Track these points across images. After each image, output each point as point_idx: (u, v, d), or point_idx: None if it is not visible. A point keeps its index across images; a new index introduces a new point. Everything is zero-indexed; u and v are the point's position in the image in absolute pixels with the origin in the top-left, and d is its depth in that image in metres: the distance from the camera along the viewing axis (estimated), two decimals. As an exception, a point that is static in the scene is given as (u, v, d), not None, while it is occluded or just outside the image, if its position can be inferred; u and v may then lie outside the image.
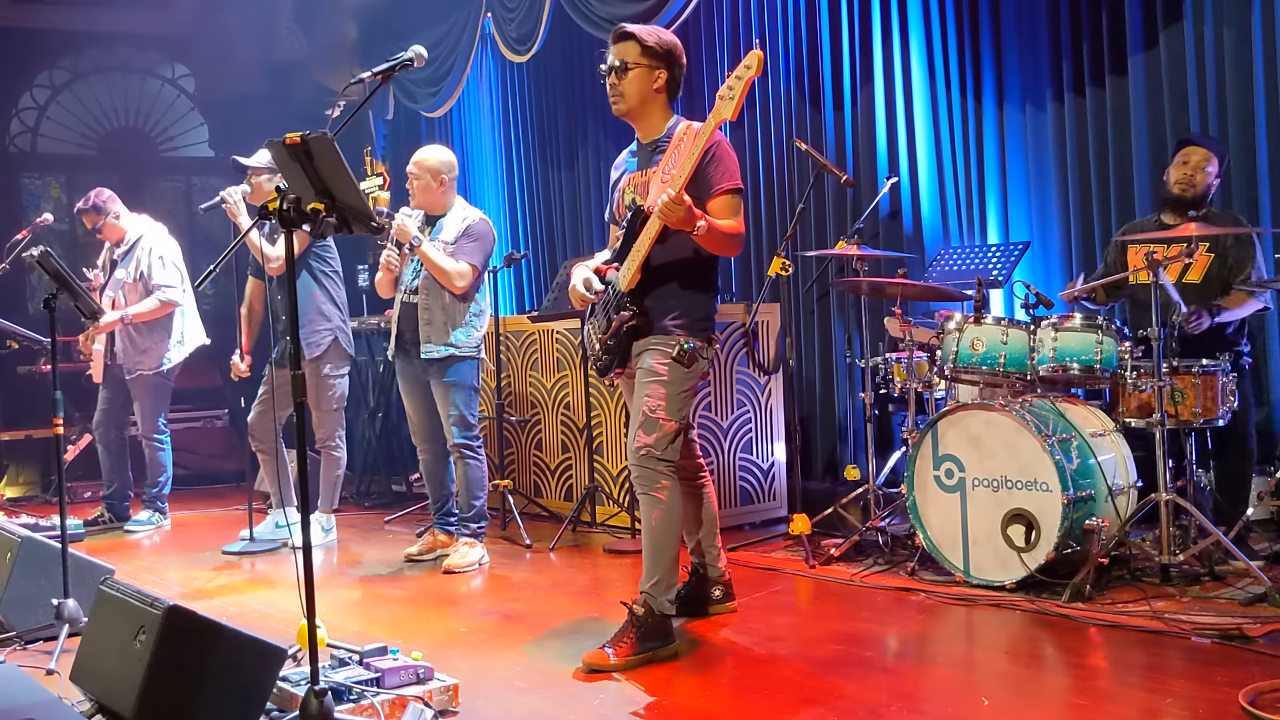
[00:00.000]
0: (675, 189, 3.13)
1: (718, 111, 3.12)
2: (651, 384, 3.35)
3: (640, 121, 3.48)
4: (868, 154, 5.93)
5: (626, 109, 3.42)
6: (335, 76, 8.45)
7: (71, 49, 9.17)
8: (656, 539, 3.35)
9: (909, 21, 5.72)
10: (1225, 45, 4.64)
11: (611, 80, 3.39)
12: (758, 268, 6.43)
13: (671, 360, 3.33)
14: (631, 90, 3.39)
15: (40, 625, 3.63)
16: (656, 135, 3.47)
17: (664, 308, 3.38)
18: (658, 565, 3.34)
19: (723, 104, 3.10)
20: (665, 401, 3.33)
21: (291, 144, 2.61)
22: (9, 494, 7.56)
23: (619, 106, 3.43)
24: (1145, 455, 3.99)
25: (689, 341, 3.34)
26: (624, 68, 3.37)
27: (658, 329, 3.38)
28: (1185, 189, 4.26)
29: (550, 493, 5.90)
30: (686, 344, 3.33)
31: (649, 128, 3.48)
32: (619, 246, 3.45)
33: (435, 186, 4.66)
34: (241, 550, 5.24)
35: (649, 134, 3.49)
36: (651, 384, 3.35)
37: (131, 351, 5.94)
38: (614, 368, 3.50)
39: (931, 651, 3.37)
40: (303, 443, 2.63)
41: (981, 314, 4.20)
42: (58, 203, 9.26)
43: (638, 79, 3.38)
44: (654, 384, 3.34)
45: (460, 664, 3.24)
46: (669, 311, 3.38)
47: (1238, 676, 2.84)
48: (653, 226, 3.25)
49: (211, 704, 2.57)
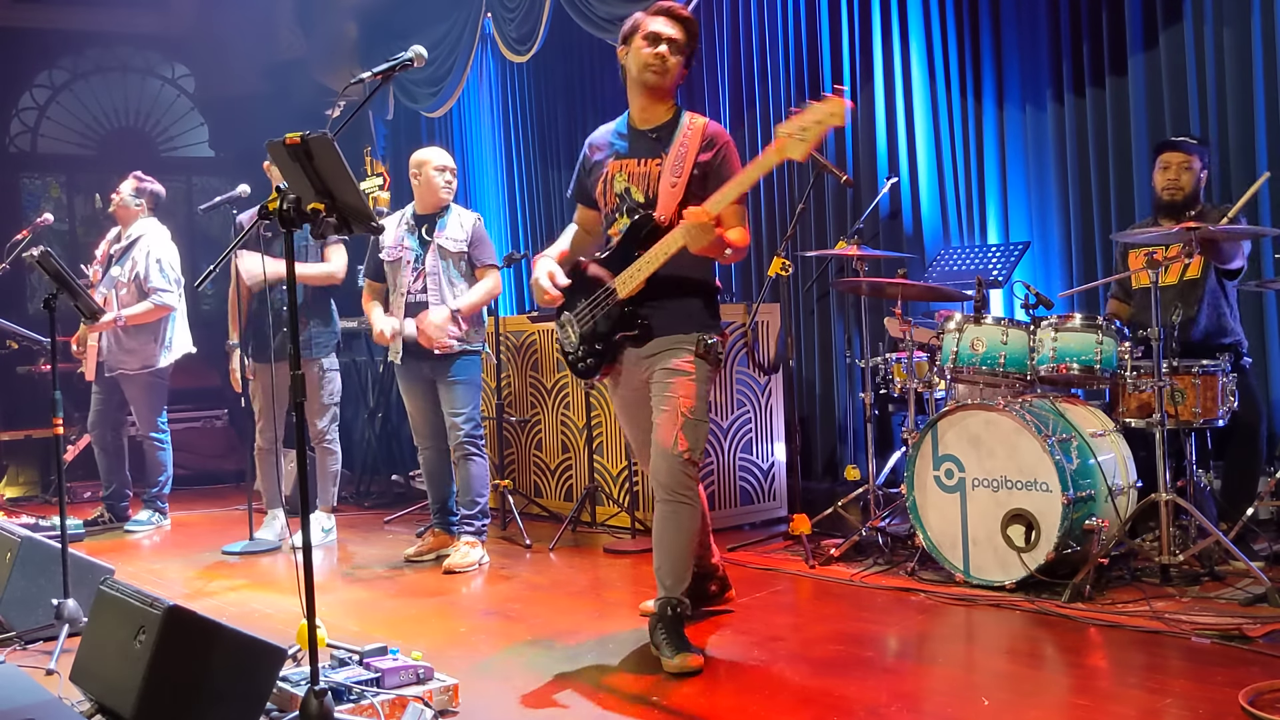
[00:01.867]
0: (712, 212, 3.04)
1: (783, 149, 2.95)
2: (682, 381, 3.24)
3: (654, 104, 3.35)
4: (868, 154, 5.93)
5: (666, 86, 3.31)
6: (335, 76, 8.45)
7: (71, 49, 9.17)
8: (689, 541, 3.28)
9: (909, 21, 5.71)
10: (1225, 45, 4.64)
11: (665, 52, 3.27)
12: (758, 268, 6.43)
13: (696, 356, 3.25)
14: (674, 71, 3.30)
15: (40, 625, 3.63)
16: (659, 122, 3.35)
17: (675, 307, 3.29)
18: (688, 567, 3.30)
19: (791, 143, 2.94)
20: (697, 400, 3.24)
21: (291, 144, 2.61)
22: (9, 494, 7.57)
23: (662, 80, 3.29)
24: (1145, 455, 3.99)
25: (710, 337, 3.27)
26: (677, 46, 3.29)
27: (674, 327, 3.28)
28: (1174, 193, 4.25)
29: (550, 493, 5.90)
30: (709, 339, 3.27)
31: (656, 113, 3.36)
32: (615, 247, 3.33)
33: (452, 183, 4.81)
34: (242, 550, 5.24)
35: (652, 120, 3.36)
36: (682, 381, 3.24)
37: (117, 351, 5.95)
38: (598, 371, 3.41)
39: (931, 651, 3.37)
40: (302, 443, 2.63)
41: (981, 314, 4.20)
42: (58, 203, 9.26)
43: (679, 64, 3.31)
44: (684, 380, 3.24)
45: (460, 664, 3.24)
46: (683, 309, 3.29)
47: (1238, 676, 2.84)
48: (672, 244, 3.15)
49: (211, 704, 2.57)
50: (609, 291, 3.31)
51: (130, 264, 5.95)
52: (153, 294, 5.93)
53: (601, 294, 3.33)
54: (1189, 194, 4.24)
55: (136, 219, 6.07)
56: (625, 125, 3.43)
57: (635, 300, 3.28)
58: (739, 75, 6.51)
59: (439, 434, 4.84)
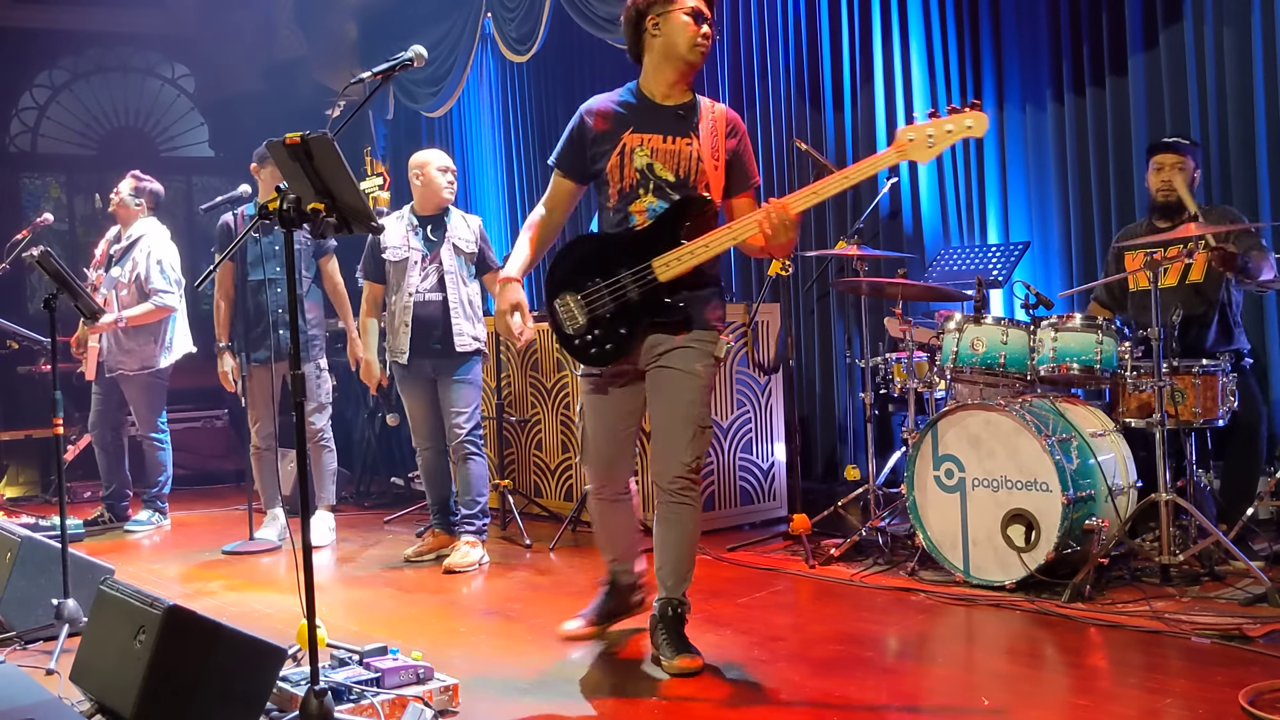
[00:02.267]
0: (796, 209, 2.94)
1: (906, 151, 2.91)
2: (698, 389, 3.13)
3: (683, 81, 3.22)
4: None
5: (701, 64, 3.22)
6: (335, 76, 8.45)
7: (71, 49, 9.17)
8: (692, 542, 3.23)
9: (909, 21, 5.71)
10: (1225, 45, 4.64)
11: (709, 31, 3.16)
12: (758, 268, 6.42)
13: (712, 361, 3.15)
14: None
15: (40, 625, 3.62)
16: (684, 100, 3.21)
17: (704, 299, 3.15)
18: (690, 567, 3.25)
19: (918, 147, 2.90)
20: (706, 408, 3.15)
21: (291, 144, 2.61)
22: (9, 494, 7.56)
23: (702, 61, 3.21)
24: (1145, 455, 3.99)
25: (728, 343, 3.20)
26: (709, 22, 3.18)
27: (697, 323, 3.13)
28: (1168, 194, 4.26)
29: (550, 493, 5.90)
30: (727, 345, 3.19)
31: (682, 89, 3.22)
32: (652, 226, 3.10)
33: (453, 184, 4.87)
34: (242, 549, 5.25)
35: (677, 96, 3.21)
36: (698, 389, 3.13)
37: (116, 351, 5.95)
38: (619, 357, 3.16)
39: (931, 651, 3.37)
40: (302, 443, 2.62)
41: (981, 314, 4.20)
42: (58, 203, 9.27)
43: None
44: (701, 389, 3.13)
45: (460, 664, 3.24)
46: (709, 302, 3.16)
47: (1238, 676, 2.84)
48: (743, 232, 3.02)
49: (211, 704, 2.57)
50: (645, 272, 3.09)
51: (130, 264, 5.95)
52: (154, 295, 5.93)
53: (632, 275, 3.09)
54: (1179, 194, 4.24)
55: (136, 219, 6.07)
56: (637, 97, 3.23)
57: (672, 286, 3.09)
58: (739, 75, 6.51)
59: (438, 434, 4.85)
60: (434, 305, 4.70)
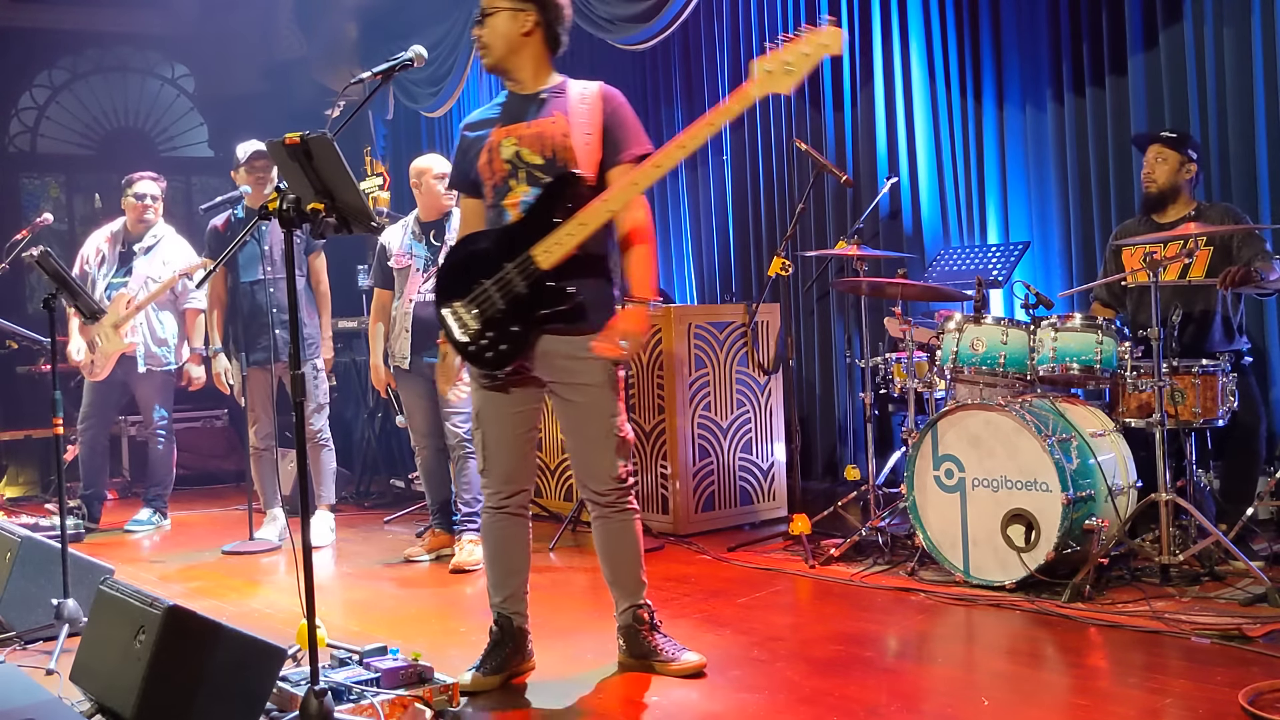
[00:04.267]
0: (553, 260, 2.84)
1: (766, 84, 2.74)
2: (607, 400, 3.03)
3: (515, 72, 3.08)
4: (868, 154, 5.93)
5: (494, 60, 3.05)
6: (335, 76, 8.45)
7: (71, 49, 9.17)
8: (639, 547, 3.17)
9: (909, 21, 5.72)
10: (1225, 45, 4.64)
11: (476, 32, 3.04)
12: (758, 268, 6.43)
13: (613, 364, 3.02)
14: (495, 37, 3.02)
15: (40, 625, 3.62)
16: (539, 87, 3.08)
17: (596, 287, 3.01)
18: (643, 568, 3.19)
19: (776, 77, 2.73)
20: (621, 415, 3.05)
21: (291, 144, 2.61)
22: (9, 494, 7.56)
23: (486, 59, 3.07)
24: (1145, 455, 3.99)
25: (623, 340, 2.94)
26: (484, 15, 3.03)
27: (593, 324, 2.96)
28: (1148, 185, 4.35)
29: (550, 493, 5.90)
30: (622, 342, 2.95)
31: (526, 78, 3.08)
32: (527, 215, 2.97)
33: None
34: (242, 550, 5.24)
35: (528, 86, 3.09)
36: (607, 400, 3.03)
37: (151, 344, 5.96)
38: (515, 358, 2.98)
39: (931, 651, 3.37)
40: (302, 444, 2.62)
41: (981, 314, 4.20)
42: (57, 203, 9.26)
43: (502, 22, 3.01)
44: (610, 400, 3.04)
45: (460, 664, 3.24)
46: (602, 292, 3.02)
47: (1238, 676, 2.84)
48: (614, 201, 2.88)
49: (211, 704, 2.57)
50: (526, 262, 2.93)
51: (158, 259, 5.98)
52: (186, 299, 6.03)
53: (516, 267, 2.94)
54: (1163, 186, 4.30)
55: (159, 220, 6.14)
56: (507, 96, 3.15)
57: (558, 273, 2.93)
58: (739, 75, 6.51)
59: (436, 432, 4.85)
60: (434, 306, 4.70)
